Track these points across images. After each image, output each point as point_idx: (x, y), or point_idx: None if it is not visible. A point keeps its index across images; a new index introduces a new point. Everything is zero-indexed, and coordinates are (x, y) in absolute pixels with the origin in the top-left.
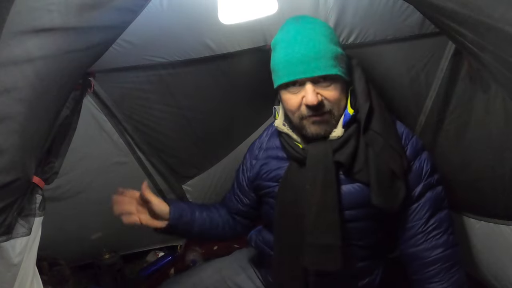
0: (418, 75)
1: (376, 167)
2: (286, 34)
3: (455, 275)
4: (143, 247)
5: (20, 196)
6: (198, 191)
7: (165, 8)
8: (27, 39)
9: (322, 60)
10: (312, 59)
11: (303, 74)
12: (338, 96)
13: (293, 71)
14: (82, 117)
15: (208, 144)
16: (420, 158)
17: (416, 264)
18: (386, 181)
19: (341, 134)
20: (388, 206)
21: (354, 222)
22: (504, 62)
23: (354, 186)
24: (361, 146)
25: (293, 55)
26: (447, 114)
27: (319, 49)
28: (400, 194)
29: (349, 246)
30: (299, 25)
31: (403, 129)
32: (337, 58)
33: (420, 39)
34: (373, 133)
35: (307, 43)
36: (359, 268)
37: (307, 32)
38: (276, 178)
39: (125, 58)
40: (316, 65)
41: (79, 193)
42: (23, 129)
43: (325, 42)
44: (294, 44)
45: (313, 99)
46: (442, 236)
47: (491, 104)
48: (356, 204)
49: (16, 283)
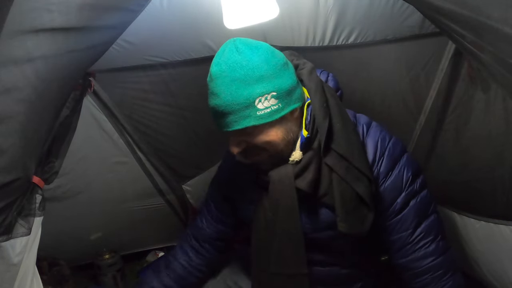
0: (418, 75)
1: (340, 192)
2: (209, 78)
3: (449, 282)
4: (143, 247)
5: (20, 196)
6: (198, 191)
7: (165, 8)
8: (27, 39)
9: (230, 116)
10: (222, 114)
11: (221, 128)
12: (266, 140)
13: (216, 123)
14: (82, 117)
15: (208, 144)
16: (399, 165)
17: (408, 275)
18: (351, 205)
19: (300, 158)
20: (355, 231)
21: (330, 241)
22: (503, 63)
23: (318, 209)
24: (324, 168)
25: (211, 106)
26: (447, 114)
27: (227, 102)
28: (367, 220)
29: (329, 258)
30: (216, 69)
31: (378, 135)
32: (252, 104)
33: (420, 39)
34: (336, 156)
35: (217, 96)
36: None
37: (219, 82)
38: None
39: (125, 58)
40: (227, 120)
41: (79, 193)
42: (23, 129)
43: (234, 92)
44: (211, 95)
45: (233, 150)
46: (431, 244)
47: (491, 104)
48: (327, 226)
49: (16, 283)
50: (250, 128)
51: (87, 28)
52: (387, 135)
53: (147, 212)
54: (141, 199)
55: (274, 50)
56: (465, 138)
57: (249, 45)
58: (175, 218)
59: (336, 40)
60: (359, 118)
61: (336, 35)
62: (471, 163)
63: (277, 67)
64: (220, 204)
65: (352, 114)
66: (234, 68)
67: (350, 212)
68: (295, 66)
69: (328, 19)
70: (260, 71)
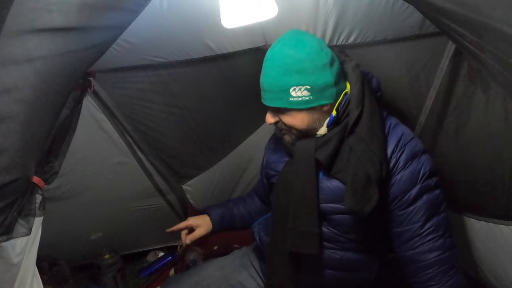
0: (418, 75)
1: (354, 170)
2: (265, 57)
3: (452, 278)
4: (143, 247)
5: (20, 196)
6: (198, 191)
7: (165, 8)
8: (27, 39)
9: (269, 93)
10: (265, 90)
11: (262, 100)
12: (292, 122)
13: (261, 96)
14: (82, 117)
15: (208, 144)
16: (419, 159)
17: (413, 267)
18: (360, 185)
19: (324, 133)
20: (358, 209)
21: (339, 215)
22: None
23: (332, 182)
24: (345, 147)
25: (261, 81)
26: (447, 114)
27: (269, 82)
28: (372, 200)
29: (338, 236)
30: (270, 52)
31: (403, 131)
32: (287, 90)
33: (420, 39)
34: (357, 137)
35: (264, 74)
36: (353, 260)
37: (269, 64)
38: (278, 169)
39: (125, 58)
40: (266, 96)
41: (79, 193)
42: (23, 129)
43: (276, 75)
44: (262, 72)
45: (267, 120)
46: (439, 239)
47: (491, 104)
48: (338, 199)
49: (16, 283)
50: (282, 109)
51: (87, 28)
52: (412, 134)
53: (147, 212)
54: (141, 199)
55: (323, 50)
56: (465, 138)
57: (302, 40)
58: (175, 218)
59: (336, 40)
60: (391, 118)
61: (336, 35)
62: (471, 163)
63: (318, 65)
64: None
65: (385, 114)
66: (281, 57)
67: (358, 191)
68: (341, 61)
69: (328, 19)
70: (301, 65)
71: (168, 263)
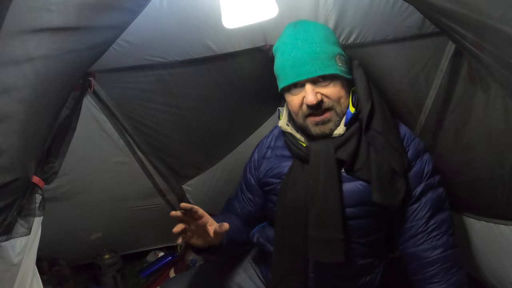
0: (418, 75)
1: (377, 165)
2: (284, 39)
3: (455, 276)
4: (143, 247)
5: (20, 196)
6: (198, 191)
7: (165, 8)
8: (27, 39)
9: (317, 61)
10: (308, 61)
11: (301, 76)
12: (338, 93)
13: (292, 74)
14: (82, 117)
15: (208, 144)
16: (422, 158)
17: (416, 264)
18: (386, 178)
19: (343, 132)
20: (388, 203)
21: (356, 220)
22: (503, 63)
23: (355, 184)
24: (363, 144)
25: (290, 59)
26: (447, 114)
27: (314, 51)
28: (400, 191)
29: (351, 243)
30: (296, 30)
31: (405, 131)
32: (334, 58)
33: (420, 39)
34: (374, 132)
35: (302, 47)
36: (360, 266)
37: (302, 36)
38: (279, 175)
39: (125, 58)
40: (312, 67)
41: (79, 193)
42: (23, 129)
43: (320, 44)
44: (291, 49)
45: (312, 99)
46: (442, 236)
47: (491, 104)
48: (358, 202)
49: (16, 283)
50: (329, 77)
51: (87, 28)
52: (413, 134)
53: (147, 212)
54: (141, 199)
55: None
56: (465, 138)
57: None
58: None
59: None
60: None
61: (336, 35)
62: (471, 163)
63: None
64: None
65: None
66: (314, 30)
67: (386, 185)
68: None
69: (328, 19)
70: (335, 37)
71: (168, 263)
